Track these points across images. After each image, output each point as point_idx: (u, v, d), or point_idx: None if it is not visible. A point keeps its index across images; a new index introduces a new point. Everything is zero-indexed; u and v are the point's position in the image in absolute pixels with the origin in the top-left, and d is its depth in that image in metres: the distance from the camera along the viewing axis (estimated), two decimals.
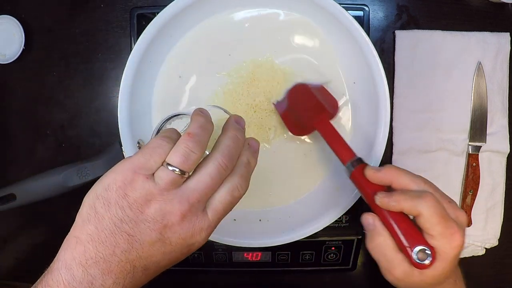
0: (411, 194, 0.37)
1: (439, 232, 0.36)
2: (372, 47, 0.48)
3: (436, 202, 0.36)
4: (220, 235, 0.51)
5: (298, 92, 0.51)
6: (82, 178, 0.52)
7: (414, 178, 0.39)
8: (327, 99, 0.50)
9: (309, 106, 0.49)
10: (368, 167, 0.41)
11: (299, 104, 0.50)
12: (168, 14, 0.49)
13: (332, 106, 0.50)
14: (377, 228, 0.38)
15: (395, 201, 0.37)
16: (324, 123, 0.46)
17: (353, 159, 0.42)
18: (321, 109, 0.48)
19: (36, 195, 0.52)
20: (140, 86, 0.51)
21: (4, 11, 0.61)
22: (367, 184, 0.40)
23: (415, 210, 0.36)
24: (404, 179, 0.39)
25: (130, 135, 0.51)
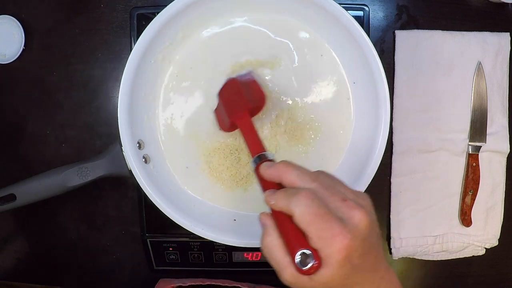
0: (289, 191, 0.34)
1: (315, 234, 0.32)
2: (372, 47, 0.48)
3: (311, 200, 0.32)
4: (220, 235, 0.51)
5: (228, 87, 0.51)
6: (82, 178, 0.52)
7: (300, 174, 0.35)
8: (254, 93, 0.50)
9: (234, 102, 0.49)
10: (262, 164, 0.39)
11: (226, 99, 0.50)
12: (168, 14, 0.49)
13: (257, 99, 0.50)
14: (267, 228, 0.36)
15: (274, 200, 0.35)
16: (242, 118, 0.46)
17: (258, 154, 0.41)
18: (243, 104, 0.48)
19: (36, 195, 0.51)
20: (140, 86, 0.51)
21: (4, 11, 0.61)
22: (264, 181, 0.38)
23: (289, 209, 0.33)
24: (291, 176, 0.36)
25: (130, 136, 0.51)
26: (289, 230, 0.34)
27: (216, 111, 0.53)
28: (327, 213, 0.32)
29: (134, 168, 0.51)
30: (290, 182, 0.36)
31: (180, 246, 0.62)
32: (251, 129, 0.45)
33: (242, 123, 0.46)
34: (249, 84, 0.51)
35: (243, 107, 0.48)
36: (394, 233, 0.63)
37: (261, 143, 0.43)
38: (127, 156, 0.51)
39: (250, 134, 0.45)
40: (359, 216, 0.33)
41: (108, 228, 0.65)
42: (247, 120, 0.46)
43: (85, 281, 0.67)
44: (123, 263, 0.66)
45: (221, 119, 0.52)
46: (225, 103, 0.50)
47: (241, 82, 0.50)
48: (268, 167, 0.38)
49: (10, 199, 0.51)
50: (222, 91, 0.51)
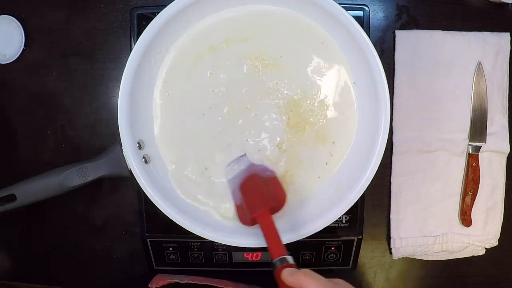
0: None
1: None
2: (372, 47, 0.48)
3: None
4: (220, 235, 0.51)
5: (250, 182, 0.52)
6: (82, 178, 0.52)
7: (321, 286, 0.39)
8: (275, 191, 0.51)
9: (255, 198, 0.50)
10: (284, 270, 0.41)
11: (248, 195, 0.51)
12: (169, 14, 0.49)
13: (278, 199, 0.50)
14: None
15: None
16: (264, 217, 0.47)
17: (280, 257, 0.43)
18: (264, 202, 0.49)
19: (36, 196, 0.51)
20: (140, 86, 0.51)
21: (4, 11, 0.61)
22: (283, 285, 0.41)
23: None
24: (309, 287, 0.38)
25: (130, 136, 0.51)
26: None
27: (237, 204, 0.53)
28: None
29: (134, 168, 0.51)
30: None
31: (180, 246, 0.62)
32: (272, 229, 0.46)
33: (263, 222, 0.47)
34: (270, 181, 0.52)
35: (265, 204, 0.48)
36: (394, 233, 0.63)
37: (282, 245, 0.45)
38: (127, 157, 0.51)
39: (271, 235, 0.46)
40: None
41: (108, 228, 0.65)
42: (268, 219, 0.47)
43: (85, 281, 0.67)
44: (123, 263, 0.66)
45: (242, 212, 0.52)
46: (246, 197, 0.51)
47: (263, 178, 0.51)
48: (290, 275, 0.40)
49: (11, 199, 0.51)
50: (244, 185, 0.52)
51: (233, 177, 0.54)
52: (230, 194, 0.54)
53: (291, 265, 0.42)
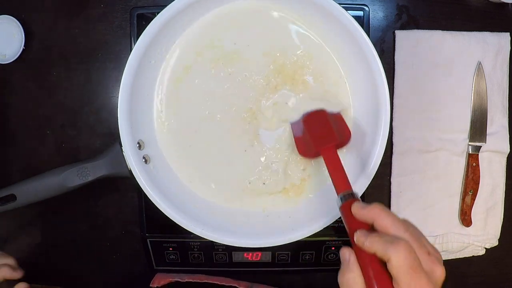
0: (386, 238, 0.36)
1: (406, 283, 0.34)
2: (372, 47, 0.48)
3: (408, 252, 0.35)
4: (220, 235, 0.51)
5: (315, 116, 0.52)
6: (82, 179, 0.52)
7: (395, 222, 0.38)
8: (341, 128, 0.51)
9: (321, 132, 0.49)
10: (355, 203, 0.41)
11: (313, 128, 0.51)
12: (169, 13, 0.49)
13: (343, 135, 0.50)
14: (350, 264, 0.38)
15: (369, 242, 0.37)
16: (329, 151, 0.47)
17: (346, 192, 0.43)
18: (332, 137, 0.48)
19: (36, 196, 0.52)
20: (140, 86, 0.51)
21: (4, 11, 0.61)
22: (352, 220, 0.40)
23: (385, 255, 0.35)
24: (385, 221, 0.38)
25: (130, 136, 0.51)
26: (377, 272, 0.36)
27: (297, 136, 0.52)
28: (419, 265, 0.35)
29: (134, 168, 0.51)
30: (383, 227, 0.38)
31: (180, 246, 0.62)
32: (338, 163, 0.46)
33: (329, 156, 0.47)
34: (337, 119, 0.52)
35: (332, 139, 0.48)
36: None
37: (347, 180, 0.44)
38: (127, 156, 0.51)
39: (337, 169, 0.46)
40: (440, 272, 0.37)
41: (108, 228, 0.65)
42: (334, 154, 0.47)
43: (85, 281, 0.67)
44: (123, 263, 0.66)
45: (303, 145, 0.51)
46: (311, 131, 0.50)
47: (329, 115, 0.51)
48: (362, 208, 0.39)
49: (11, 199, 0.51)
50: (309, 118, 0.52)
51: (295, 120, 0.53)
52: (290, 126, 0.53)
53: (357, 199, 0.42)
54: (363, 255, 0.37)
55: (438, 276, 0.36)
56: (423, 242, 0.38)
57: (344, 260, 0.38)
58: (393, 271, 0.35)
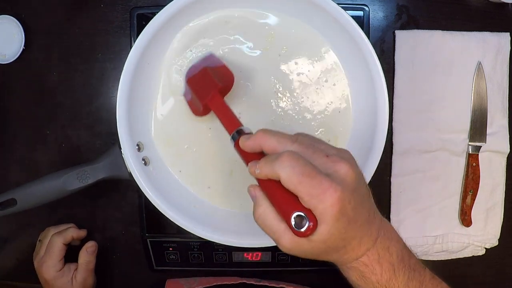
0: (271, 157, 0.34)
1: (306, 193, 0.32)
2: (370, 47, 0.48)
3: (296, 160, 0.32)
4: (221, 236, 0.51)
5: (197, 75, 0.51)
6: (82, 182, 0.51)
7: (280, 138, 0.35)
8: (223, 74, 0.50)
9: (203, 85, 0.49)
10: (241, 137, 0.39)
11: (196, 85, 0.50)
12: (167, 14, 0.48)
13: (225, 79, 0.49)
14: (258, 199, 0.36)
15: (258, 169, 0.35)
16: (213, 98, 0.47)
17: (237, 129, 0.41)
18: (213, 85, 0.48)
19: (36, 200, 0.51)
20: (138, 88, 0.51)
21: (4, 11, 0.61)
22: (245, 155, 0.38)
23: (274, 174, 0.33)
24: (270, 142, 0.35)
25: (129, 138, 0.50)
26: (279, 195, 0.34)
27: (187, 98, 0.53)
28: (313, 169, 0.32)
29: (134, 170, 0.50)
30: (271, 148, 0.36)
31: (180, 246, 0.62)
32: (224, 107, 0.45)
33: (214, 103, 0.46)
34: (217, 68, 0.51)
35: (213, 88, 0.47)
36: None
37: (236, 118, 0.43)
38: (127, 159, 0.50)
39: (223, 112, 0.45)
40: (345, 169, 0.33)
41: (108, 228, 0.65)
42: (218, 100, 0.46)
43: None
44: (123, 263, 0.66)
45: (193, 104, 0.52)
46: (194, 88, 0.50)
47: (209, 68, 0.50)
48: (246, 139, 0.38)
49: (11, 203, 0.51)
50: (191, 79, 0.51)
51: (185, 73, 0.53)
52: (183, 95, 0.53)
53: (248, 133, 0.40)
54: (264, 185, 0.35)
55: (344, 174, 0.33)
56: (319, 146, 0.35)
57: (252, 198, 0.37)
58: (288, 187, 0.32)
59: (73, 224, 0.62)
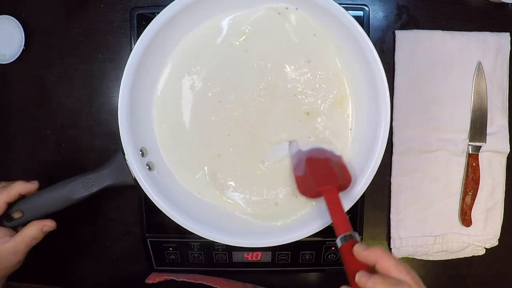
0: (389, 281, 0.37)
1: None
2: (372, 47, 0.48)
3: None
4: (229, 238, 0.51)
5: (319, 160, 0.52)
6: (87, 190, 0.51)
7: (397, 265, 0.38)
8: (342, 171, 0.51)
9: (324, 173, 0.50)
10: (357, 245, 0.41)
11: (315, 169, 0.51)
12: (168, 14, 0.49)
13: (344, 179, 0.50)
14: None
15: (372, 283, 0.37)
16: (332, 193, 0.48)
17: (347, 233, 0.43)
18: (334, 179, 0.49)
19: (42, 210, 0.51)
20: (138, 95, 0.51)
21: (4, 11, 0.61)
22: (352, 261, 0.41)
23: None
24: (387, 263, 0.38)
25: (132, 144, 0.50)
26: None
27: (298, 175, 0.53)
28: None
29: (139, 176, 0.50)
30: (385, 269, 0.38)
31: (180, 246, 0.62)
32: (339, 205, 0.47)
33: (330, 197, 0.47)
34: (339, 164, 0.52)
35: (334, 181, 0.49)
36: (394, 233, 0.63)
37: (348, 221, 0.45)
38: (131, 165, 0.50)
39: (338, 211, 0.46)
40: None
41: (108, 228, 0.65)
42: (335, 195, 0.47)
43: (85, 281, 0.67)
44: (123, 263, 0.66)
45: (304, 183, 0.52)
46: (313, 171, 0.51)
47: (332, 160, 0.52)
48: (365, 249, 0.40)
49: (18, 215, 0.51)
50: (312, 160, 0.52)
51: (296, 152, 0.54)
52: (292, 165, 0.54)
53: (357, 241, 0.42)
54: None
55: None
56: (422, 286, 0.38)
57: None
58: None
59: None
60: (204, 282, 0.60)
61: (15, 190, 0.49)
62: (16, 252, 0.50)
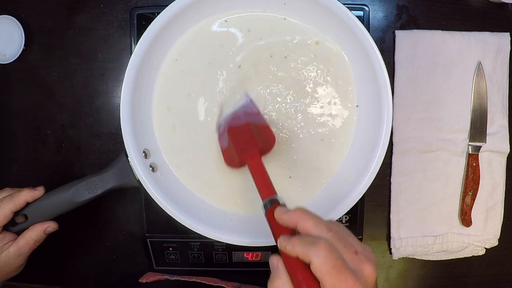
0: (306, 239, 0.35)
1: (330, 284, 0.33)
2: (375, 47, 0.48)
3: (329, 251, 0.34)
4: (233, 237, 0.51)
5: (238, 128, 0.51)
6: (91, 192, 0.51)
7: (317, 223, 0.37)
8: (263, 132, 0.51)
9: (244, 141, 0.49)
10: (277, 208, 0.40)
11: (236, 139, 0.51)
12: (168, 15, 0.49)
13: (266, 141, 0.50)
14: (279, 271, 0.37)
15: (291, 246, 0.36)
16: (253, 158, 0.47)
17: (271, 197, 0.42)
18: (254, 144, 0.48)
19: (46, 214, 0.51)
20: (141, 94, 0.51)
21: (4, 11, 0.61)
22: (276, 225, 0.39)
23: (306, 257, 0.34)
24: (307, 223, 0.37)
25: (135, 146, 0.50)
26: (303, 276, 0.35)
27: (222, 146, 0.52)
28: (343, 265, 0.34)
29: (142, 177, 0.50)
30: (305, 229, 0.37)
31: (180, 246, 0.62)
32: (261, 170, 0.46)
33: (252, 163, 0.47)
34: (260, 126, 0.51)
35: (254, 146, 0.48)
36: (394, 233, 0.63)
37: (272, 186, 0.44)
38: (134, 166, 0.50)
39: (260, 176, 0.45)
40: (369, 271, 0.35)
41: (108, 228, 0.65)
42: (257, 160, 0.47)
43: (85, 281, 0.67)
44: (123, 263, 0.66)
45: (228, 153, 0.52)
46: (234, 140, 0.50)
47: (253, 124, 0.51)
48: (283, 213, 0.39)
49: (22, 219, 0.51)
50: (232, 129, 0.51)
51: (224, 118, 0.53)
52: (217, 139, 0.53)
53: (282, 205, 0.41)
54: (289, 260, 0.36)
55: (368, 275, 0.35)
56: (349, 241, 0.37)
57: (273, 267, 0.38)
58: (316, 273, 0.34)
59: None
60: (198, 280, 0.60)
61: (22, 199, 0.50)
62: (20, 256, 0.51)
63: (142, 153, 0.51)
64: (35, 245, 0.52)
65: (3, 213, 0.49)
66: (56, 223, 0.52)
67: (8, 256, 0.50)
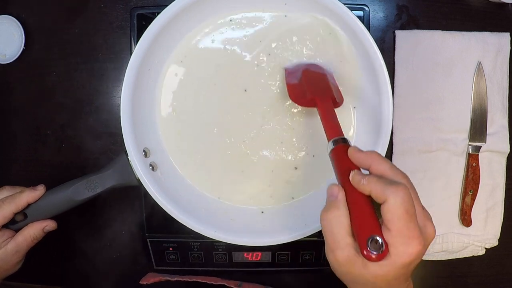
0: (384, 180, 0.34)
1: (398, 228, 0.32)
2: (375, 47, 0.48)
3: (407, 196, 0.32)
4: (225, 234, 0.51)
5: (315, 73, 0.52)
6: (91, 191, 0.51)
7: (393, 168, 0.36)
8: (336, 90, 0.51)
9: (320, 85, 0.49)
10: (352, 146, 0.39)
11: (312, 79, 0.50)
12: (169, 15, 0.48)
13: (338, 97, 0.50)
14: (338, 202, 0.35)
15: (367, 181, 0.34)
16: (326, 102, 0.47)
17: (340, 137, 0.41)
18: (328, 92, 0.48)
19: (46, 212, 0.51)
20: (140, 96, 0.51)
21: (4, 11, 0.61)
22: (346, 162, 0.38)
23: (382, 195, 0.33)
24: (383, 165, 0.36)
25: (135, 145, 0.50)
26: (366, 213, 0.34)
27: (291, 81, 0.51)
28: (414, 214, 0.33)
29: (142, 176, 0.50)
30: (380, 171, 0.36)
31: (180, 246, 0.62)
32: (332, 112, 0.45)
33: (324, 105, 0.46)
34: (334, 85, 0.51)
35: (329, 93, 0.48)
36: None
37: (340, 128, 0.43)
38: (134, 165, 0.50)
39: (331, 117, 0.44)
40: (432, 230, 0.35)
41: (108, 228, 0.65)
42: (329, 104, 0.46)
43: (85, 281, 0.67)
44: (123, 263, 0.66)
45: (297, 91, 0.50)
46: (309, 80, 0.50)
47: (329, 78, 0.51)
48: (358, 151, 0.37)
49: (21, 218, 0.51)
50: (309, 71, 0.51)
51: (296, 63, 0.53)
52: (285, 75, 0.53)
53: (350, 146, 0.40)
54: (355, 195, 0.35)
55: (429, 233, 0.35)
56: (418, 195, 0.36)
57: (332, 196, 0.36)
58: (387, 214, 0.33)
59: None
60: (199, 280, 0.60)
61: (24, 201, 0.49)
62: (18, 252, 0.50)
63: (142, 152, 0.51)
64: (33, 242, 0.52)
65: (3, 214, 0.48)
66: (55, 222, 0.52)
67: (6, 253, 0.50)
